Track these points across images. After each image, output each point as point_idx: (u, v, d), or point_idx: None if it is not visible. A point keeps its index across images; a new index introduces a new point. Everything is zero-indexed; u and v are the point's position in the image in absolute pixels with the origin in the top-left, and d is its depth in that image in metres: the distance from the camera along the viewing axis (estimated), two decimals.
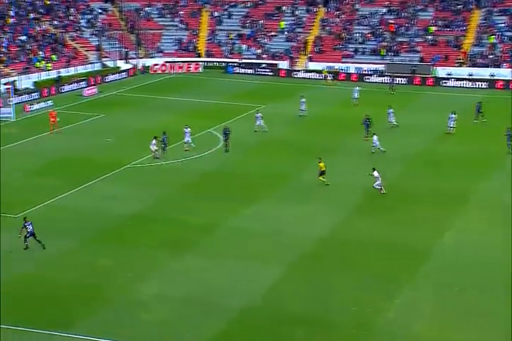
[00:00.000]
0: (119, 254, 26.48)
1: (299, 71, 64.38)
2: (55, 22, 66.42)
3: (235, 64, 66.25)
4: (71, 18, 68.40)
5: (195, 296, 23.55)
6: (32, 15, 65.22)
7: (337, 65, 64.86)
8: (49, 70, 58.42)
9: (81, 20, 68.90)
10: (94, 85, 57.59)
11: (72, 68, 60.62)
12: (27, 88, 54.98)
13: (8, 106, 47.66)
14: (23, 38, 60.98)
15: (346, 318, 22.40)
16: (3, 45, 58.57)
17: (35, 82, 56.09)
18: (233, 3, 73.92)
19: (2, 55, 57.01)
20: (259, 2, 73.81)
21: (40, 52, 59.99)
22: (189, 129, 39.58)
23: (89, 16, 69.75)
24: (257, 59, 67.51)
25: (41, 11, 66.95)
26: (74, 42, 65.53)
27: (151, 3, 73.25)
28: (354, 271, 25.51)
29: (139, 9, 72.22)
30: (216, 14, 72.90)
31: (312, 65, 65.27)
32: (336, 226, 29.50)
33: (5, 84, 51.72)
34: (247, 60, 67.24)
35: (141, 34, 69.28)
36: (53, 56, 60.64)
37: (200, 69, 66.33)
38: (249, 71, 65.13)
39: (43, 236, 27.70)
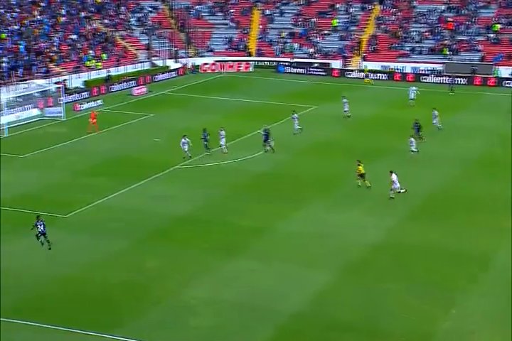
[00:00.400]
0: (169, 256, 26.89)
1: (352, 71, 64.10)
2: (106, 21, 67.81)
3: (286, 63, 66.39)
4: (121, 16, 69.71)
5: (244, 300, 23.75)
6: (83, 14, 66.77)
7: (392, 65, 64.34)
8: (99, 69, 59.69)
9: (131, 19, 70.13)
10: (143, 85, 58.57)
11: (122, 67, 61.77)
12: (77, 87, 56.30)
13: (58, 105, 48.90)
14: (74, 36, 62.42)
15: (398, 327, 22.24)
16: (55, 44, 60.13)
17: (85, 81, 57.39)
18: (285, 1, 74.10)
19: (53, 54, 58.51)
20: (312, 0, 73.82)
21: (91, 51, 61.35)
22: (223, 132, 39.73)
23: (140, 15, 70.95)
24: (309, 58, 67.51)
25: (92, 9, 68.47)
26: (124, 41, 66.77)
27: (201, 1, 74.05)
28: (407, 277, 25.31)
29: (189, 7, 73.10)
30: (267, 12, 73.20)
31: (366, 65, 64.89)
32: (387, 232, 29.30)
33: (56, 83, 53.10)
34: (298, 59, 67.31)
35: (191, 33, 70.10)
36: (103, 55, 61.95)
37: (251, 69, 66.73)
38: (301, 71, 65.17)
39: (94, 236, 28.40)
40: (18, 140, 42.14)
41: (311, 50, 68.29)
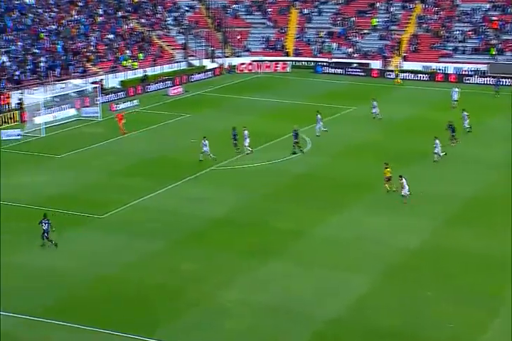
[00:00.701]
0: (205, 258, 27.15)
1: (392, 71, 63.76)
2: (143, 20, 68.63)
3: (325, 63, 66.32)
4: (158, 16, 70.49)
5: (280, 304, 23.87)
6: (120, 14, 67.70)
7: (434, 65, 63.79)
8: (135, 69, 60.46)
9: (168, 18, 70.83)
10: (179, 85, 59.13)
11: (158, 67, 62.41)
12: (113, 87, 57.13)
13: (95, 105, 49.70)
14: (111, 36, 63.32)
15: (439, 334, 22.10)
16: (92, 43, 61.10)
17: (121, 81, 58.19)
18: (324, 0, 74.04)
19: (90, 54, 59.47)
20: None
21: (127, 51, 62.17)
22: (247, 132, 39.94)
23: (176, 14, 71.62)
24: (347, 58, 67.32)
25: (129, 9, 69.38)
26: (160, 41, 67.49)
27: (238, 1, 74.42)
28: (449, 283, 25.13)
29: (226, 6, 73.53)
30: (306, 11, 73.22)
31: (407, 65, 64.47)
32: (427, 236, 29.13)
33: (92, 83, 53.95)
34: (337, 59, 67.16)
35: (228, 32, 70.52)
36: (140, 55, 62.72)
37: (288, 69, 66.84)
38: (339, 71, 65.04)
39: (129, 237, 28.83)
40: (55, 140, 42.96)
41: (350, 49, 68.10)
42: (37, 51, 55.56)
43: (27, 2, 62.09)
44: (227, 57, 68.40)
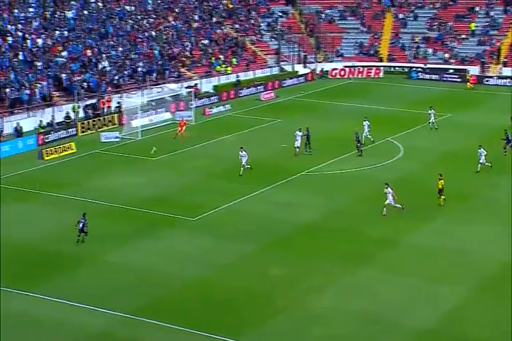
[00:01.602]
0: (293, 263, 27.13)
1: (491, 77, 61.77)
2: (237, 26, 69.62)
3: (419, 69, 65.11)
4: (252, 21, 71.29)
5: (370, 312, 23.55)
6: (214, 19, 68.94)
7: None
8: (228, 74, 61.39)
9: (261, 24, 71.52)
10: (271, 90, 59.54)
11: (251, 72, 63.12)
12: (207, 92, 58.19)
13: (189, 109, 50.77)
14: (206, 41, 64.58)
15: None
16: (187, 49, 62.50)
17: (214, 86, 59.19)
18: (420, 5, 72.73)
19: (185, 59, 60.82)
20: (450, 3, 71.91)
21: (221, 56, 63.22)
22: (300, 133, 40.54)
23: (270, 19, 72.21)
24: (443, 64, 65.83)
25: (223, 14, 70.56)
26: (253, 46, 68.23)
27: (332, 6, 74.24)
28: None
29: (319, 11, 73.47)
30: (401, 16, 72.14)
31: (506, 71, 62.31)
32: None
33: (187, 87, 55.15)
34: (432, 64, 65.82)
35: (321, 37, 70.45)
36: (233, 60, 63.62)
37: (381, 75, 66.00)
38: (435, 77, 63.66)
39: (220, 240, 29.21)
40: (151, 142, 44.07)
41: (447, 55, 66.54)
42: (135, 56, 57.38)
43: (127, 9, 64.26)
44: (319, 62, 68.32)
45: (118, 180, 36.69)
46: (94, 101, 49.40)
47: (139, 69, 55.81)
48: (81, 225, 28.41)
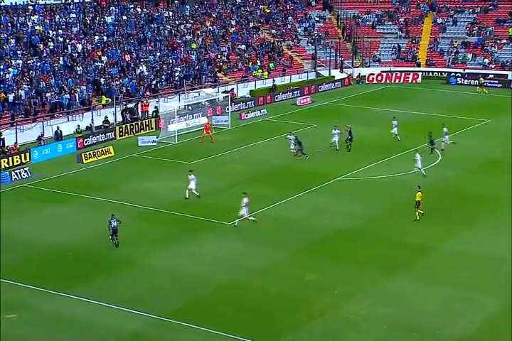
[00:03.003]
0: (327, 269, 27.11)
1: None
2: (273, 30, 69.83)
3: (458, 74, 64.44)
4: (289, 26, 71.44)
5: (405, 321, 23.37)
6: (251, 24, 69.25)
7: None
8: (265, 79, 61.59)
9: (298, 29, 71.65)
10: (308, 94, 59.56)
11: (287, 77, 63.25)
12: (243, 96, 58.46)
13: (226, 114, 51.06)
14: (243, 46, 64.94)
15: None
16: (224, 53, 62.92)
17: (251, 91, 59.43)
18: (460, 9, 71.98)
19: (222, 64, 61.22)
20: (490, 7, 71.04)
21: (258, 61, 63.46)
22: (293, 136, 41.37)
23: (307, 24, 72.27)
24: (483, 69, 65.04)
25: (260, 19, 70.82)
26: (290, 51, 68.35)
27: (370, 10, 73.97)
28: None
29: (357, 16, 73.28)
30: (439, 21, 71.52)
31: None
32: None
33: (223, 92, 55.49)
34: (471, 70, 65.10)
35: (358, 42, 70.25)
36: (271, 64, 63.78)
37: (419, 80, 65.48)
38: (474, 82, 62.92)
39: (254, 245, 29.31)
40: (187, 147, 44.49)
41: (486, 60, 65.72)
42: (172, 61, 57.96)
43: (165, 14, 64.96)
44: (356, 67, 68.11)
45: (154, 183, 37.09)
46: (132, 105, 50.02)
47: (177, 74, 56.35)
48: (115, 224, 28.38)
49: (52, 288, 25.28)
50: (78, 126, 46.53)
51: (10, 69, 48.76)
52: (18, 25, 54.79)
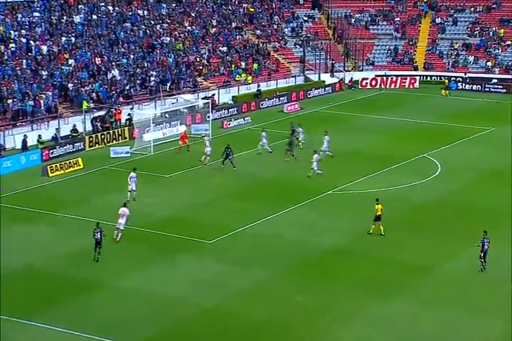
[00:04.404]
0: (316, 290, 27.44)
1: None
2: (258, 31, 70.50)
3: (459, 79, 65.45)
4: (274, 26, 72.15)
5: None
6: (234, 24, 69.89)
7: None
8: (249, 84, 62.19)
9: (285, 29, 72.41)
10: (296, 101, 60.20)
11: (273, 82, 63.89)
12: (225, 103, 58.97)
13: (206, 122, 51.46)
14: (224, 48, 65.49)
15: None
16: (204, 56, 63.37)
17: (233, 97, 59.98)
18: (460, 8, 73.16)
19: (202, 68, 61.71)
20: (493, 6, 72.27)
21: (241, 64, 63.99)
22: (265, 133, 43.79)
23: (294, 25, 73.05)
24: (486, 73, 66.10)
25: (244, 19, 71.49)
26: (276, 54, 69.05)
27: (363, 10, 74.97)
28: None
29: (348, 16, 74.22)
30: (438, 21, 72.65)
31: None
32: None
33: (203, 98, 55.92)
34: (473, 74, 66.13)
35: (350, 44, 71.16)
36: (255, 65, 64.29)
37: (416, 85, 66.41)
38: (476, 87, 63.99)
39: (237, 265, 29.65)
40: (164, 158, 44.79)
41: (489, 63, 66.79)
42: (148, 64, 58.30)
43: (140, 13, 65.34)
44: (348, 71, 68.93)
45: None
46: (103, 113, 50.33)
47: (152, 78, 56.76)
48: (98, 236, 29.13)
49: (15, 316, 25.27)
50: (39, 135, 46.07)
51: None
52: None
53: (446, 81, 64.04)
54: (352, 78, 67.38)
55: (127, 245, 31.52)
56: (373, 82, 66.81)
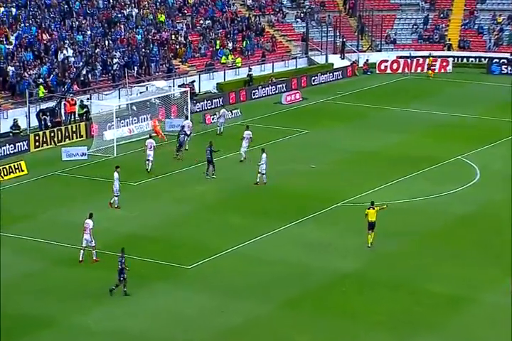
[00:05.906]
0: (324, 328, 27.47)
1: None
2: (249, 1, 70.78)
3: (503, 61, 65.87)
4: None
5: None
6: None
7: None
8: (238, 68, 62.43)
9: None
10: (297, 89, 60.44)
11: (269, 65, 64.18)
12: (208, 92, 59.15)
13: (183, 116, 51.61)
14: (207, 23, 65.66)
15: None
16: (181, 33, 63.45)
17: (218, 84, 60.19)
18: None
19: (178, 47, 61.83)
20: None
21: (229, 43, 64.16)
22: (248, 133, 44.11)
23: None
24: None
25: None
26: (272, 30, 69.35)
27: None
28: None
29: None
30: None
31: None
32: None
33: (180, 86, 56.09)
34: None
35: (366, 17, 71.52)
36: (244, 46, 64.40)
37: (449, 69, 66.80)
38: None
39: (225, 295, 29.71)
40: (131, 161, 44.80)
41: None
42: (110, 43, 58.36)
43: None
44: (363, 51, 69.27)
45: (86, 213, 37.36)
46: (53, 104, 50.40)
47: (115, 60, 56.87)
48: (120, 265, 29.29)
49: None
50: None
51: None
52: None
53: (430, 59, 64.52)
54: (368, 60, 67.75)
55: (85, 272, 31.46)
56: (394, 66, 67.20)
